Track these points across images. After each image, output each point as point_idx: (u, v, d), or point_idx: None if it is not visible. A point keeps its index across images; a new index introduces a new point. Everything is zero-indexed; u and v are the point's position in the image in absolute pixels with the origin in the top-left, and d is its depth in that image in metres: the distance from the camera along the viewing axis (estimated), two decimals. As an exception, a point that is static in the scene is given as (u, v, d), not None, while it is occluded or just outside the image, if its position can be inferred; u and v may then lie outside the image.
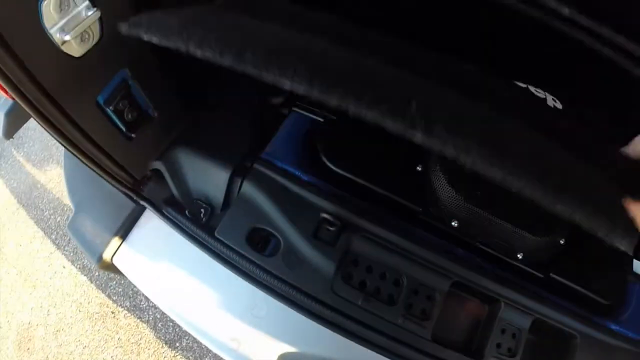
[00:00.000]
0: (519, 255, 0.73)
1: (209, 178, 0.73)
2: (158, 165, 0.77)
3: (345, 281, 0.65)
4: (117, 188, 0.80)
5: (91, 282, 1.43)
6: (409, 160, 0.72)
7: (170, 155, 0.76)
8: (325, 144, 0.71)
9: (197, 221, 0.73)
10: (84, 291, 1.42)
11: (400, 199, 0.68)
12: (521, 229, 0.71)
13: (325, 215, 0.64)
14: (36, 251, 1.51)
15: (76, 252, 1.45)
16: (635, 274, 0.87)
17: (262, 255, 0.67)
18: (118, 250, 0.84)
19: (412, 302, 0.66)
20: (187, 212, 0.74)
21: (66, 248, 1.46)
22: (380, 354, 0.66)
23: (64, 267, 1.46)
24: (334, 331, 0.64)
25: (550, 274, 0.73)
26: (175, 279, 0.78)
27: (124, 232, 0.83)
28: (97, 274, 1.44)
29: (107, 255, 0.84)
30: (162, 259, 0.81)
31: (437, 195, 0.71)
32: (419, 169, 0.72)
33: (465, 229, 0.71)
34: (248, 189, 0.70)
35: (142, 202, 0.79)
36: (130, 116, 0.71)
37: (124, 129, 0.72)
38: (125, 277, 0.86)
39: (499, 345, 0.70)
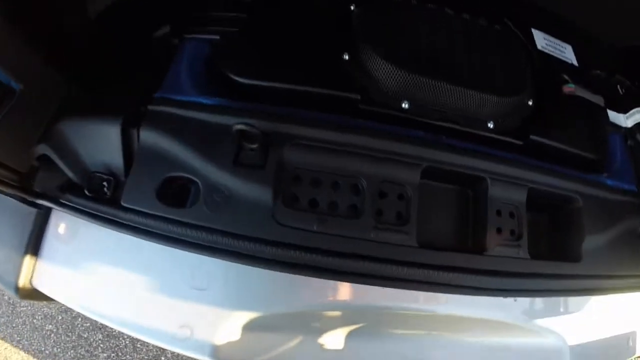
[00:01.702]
0: (489, 125, 0.55)
1: (101, 142, 0.52)
2: (42, 149, 0.55)
3: (288, 205, 0.46)
4: (3, 192, 0.59)
5: (58, 329, 1.18)
6: (331, 51, 0.53)
7: (53, 133, 0.55)
8: (228, 59, 0.51)
9: (100, 197, 0.52)
10: (54, 340, 1.16)
11: (331, 91, 0.49)
12: (483, 92, 0.53)
13: (241, 128, 0.43)
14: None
15: (34, 304, 1.19)
16: (612, 124, 0.74)
17: (182, 209, 0.46)
18: (35, 271, 0.62)
19: (382, 208, 0.47)
20: (86, 191, 0.53)
21: (23, 303, 1.21)
22: (362, 282, 0.49)
23: (24, 324, 1.21)
24: (292, 273, 0.44)
25: (531, 137, 0.55)
26: (103, 279, 0.57)
27: (34, 245, 0.60)
28: (60, 317, 1.19)
29: (24, 281, 0.61)
30: (83, 261, 0.59)
31: (376, 78, 0.52)
32: (345, 57, 0.54)
33: (419, 107, 0.53)
34: (146, 136, 0.49)
35: (36, 200, 0.57)
36: (-19, 92, 0.52)
37: (-22, 111, 0.52)
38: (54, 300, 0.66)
39: (499, 230, 0.51)
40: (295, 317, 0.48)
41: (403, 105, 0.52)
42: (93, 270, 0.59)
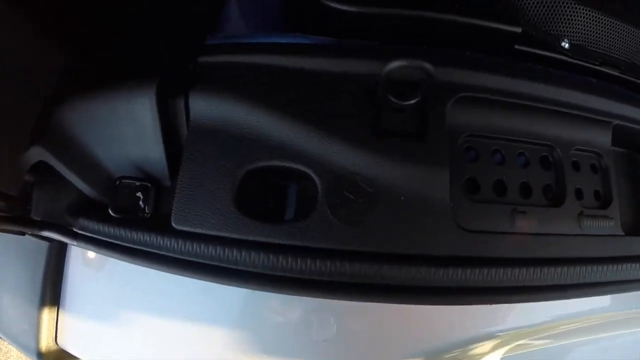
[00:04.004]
0: None
1: (126, 128, 0.22)
2: (37, 153, 0.24)
3: (472, 197, 0.20)
4: None
5: None
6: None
7: (51, 127, 0.24)
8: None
9: (135, 218, 0.23)
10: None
11: (484, 22, 0.23)
12: None
13: (398, 69, 0.17)
14: None
15: None
16: None
17: (284, 224, 0.19)
18: (58, 327, 0.31)
19: (580, 186, 0.23)
20: (111, 210, 0.23)
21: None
22: (569, 296, 0.24)
23: None
24: (494, 301, 0.20)
25: None
26: (157, 337, 0.30)
27: (52, 292, 0.30)
28: None
29: (47, 342, 0.30)
30: (130, 306, 0.29)
31: (527, 7, 0.25)
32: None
33: (577, 48, 0.29)
34: (202, 106, 0.21)
35: (40, 233, 0.26)
36: None
37: None
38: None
39: None
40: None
41: (563, 43, 0.29)
42: (144, 318, 0.31)
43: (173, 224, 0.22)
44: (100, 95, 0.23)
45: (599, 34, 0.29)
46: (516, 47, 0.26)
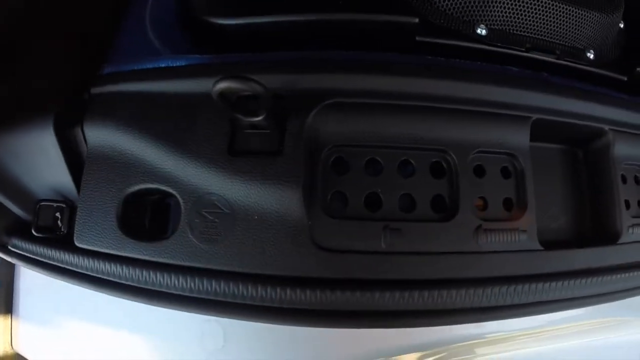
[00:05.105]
0: (589, 55, 0.25)
1: (39, 158, 0.24)
2: None
3: (334, 213, 0.18)
4: None
5: None
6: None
7: None
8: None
9: (53, 237, 0.24)
10: None
11: (371, 16, 0.20)
12: (582, 7, 0.23)
13: (227, 89, 0.15)
14: None
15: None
16: None
17: (158, 242, 0.19)
18: (13, 333, 0.35)
19: (483, 195, 0.20)
20: (33, 230, 0.25)
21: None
22: (461, 321, 0.20)
23: None
24: (348, 326, 0.18)
25: (638, 69, 0.26)
26: (100, 339, 0.33)
27: (6, 303, 0.34)
28: None
29: (3, 347, 0.34)
30: (71, 315, 0.34)
31: None
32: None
33: (499, 33, 0.23)
34: (95, 136, 0.22)
35: None
36: None
37: None
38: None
39: (627, 205, 0.23)
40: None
41: (478, 30, 0.23)
42: (88, 322, 0.34)
43: (75, 242, 0.23)
44: (13, 129, 0.25)
45: (526, 15, 0.24)
46: (417, 39, 0.23)
